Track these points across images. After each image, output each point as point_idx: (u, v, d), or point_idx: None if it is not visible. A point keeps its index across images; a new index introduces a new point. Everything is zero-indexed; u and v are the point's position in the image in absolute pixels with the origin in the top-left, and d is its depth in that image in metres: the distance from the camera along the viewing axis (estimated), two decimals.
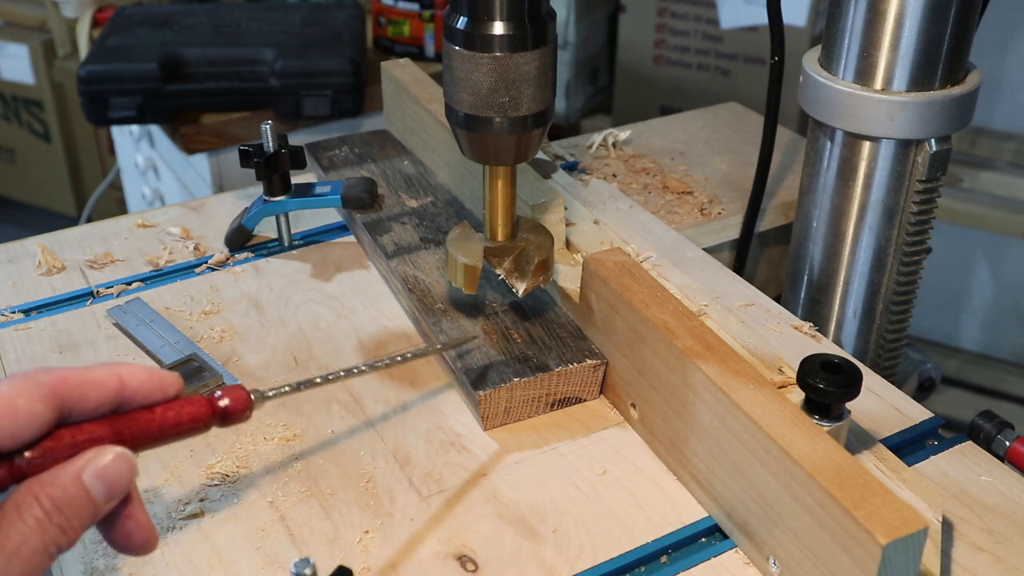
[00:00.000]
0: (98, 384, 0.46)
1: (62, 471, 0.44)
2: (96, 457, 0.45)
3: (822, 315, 0.90)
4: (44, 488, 0.43)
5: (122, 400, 0.47)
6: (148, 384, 0.48)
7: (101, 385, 0.46)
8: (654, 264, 0.83)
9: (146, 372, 0.48)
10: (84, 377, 0.46)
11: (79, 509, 0.44)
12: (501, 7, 0.64)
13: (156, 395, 0.48)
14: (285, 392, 0.56)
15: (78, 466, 0.44)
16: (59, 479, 0.44)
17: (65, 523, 0.44)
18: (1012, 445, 0.68)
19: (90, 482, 0.44)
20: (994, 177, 1.73)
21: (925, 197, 0.82)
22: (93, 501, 0.44)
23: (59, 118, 2.50)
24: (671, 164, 1.09)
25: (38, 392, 0.44)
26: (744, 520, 0.60)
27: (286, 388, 0.56)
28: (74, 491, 0.44)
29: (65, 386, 0.45)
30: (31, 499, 0.43)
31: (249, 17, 1.56)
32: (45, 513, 0.43)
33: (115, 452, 0.45)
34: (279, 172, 0.88)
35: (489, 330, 0.75)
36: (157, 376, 0.48)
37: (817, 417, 0.61)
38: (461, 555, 0.60)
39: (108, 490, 0.45)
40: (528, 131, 0.68)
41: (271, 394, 0.55)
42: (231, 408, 0.51)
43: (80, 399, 0.46)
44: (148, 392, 0.48)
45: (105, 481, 0.45)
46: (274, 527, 0.62)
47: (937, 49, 0.76)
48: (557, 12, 0.69)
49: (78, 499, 0.44)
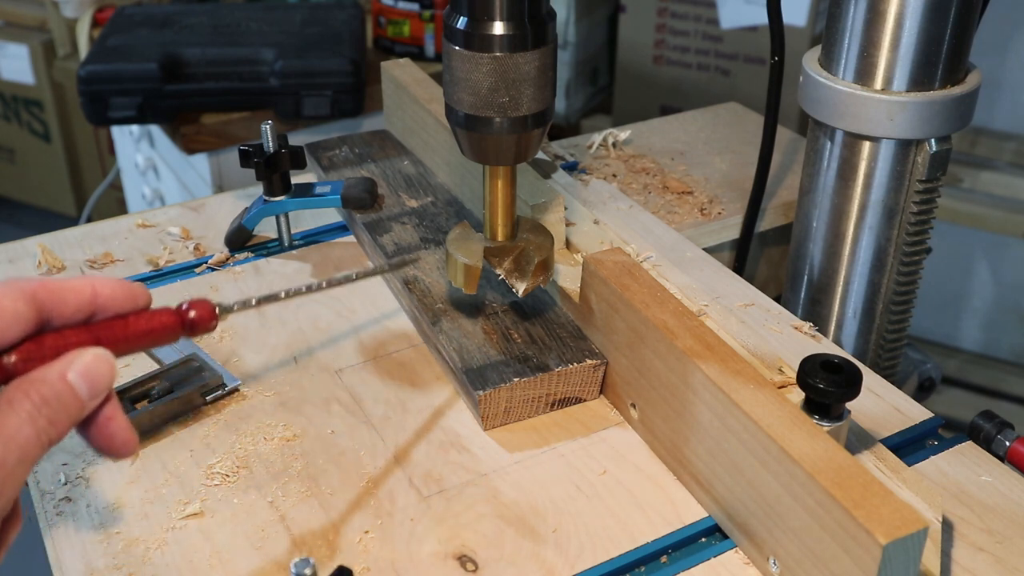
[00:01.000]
0: (75, 291, 0.49)
1: (48, 370, 0.47)
2: (78, 357, 0.47)
3: (822, 315, 0.90)
4: (33, 385, 0.46)
5: (96, 308, 0.50)
6: (120, 293, 0.50)
7: (78, 292, 0.49)
8: (654, 264, 0.83)
9: (117, 283, 0.51)
10: (62, 284, 0.49)
11: (66, 404, 0.47)
12: (501, 7, 0.64)
13: (127, 304, 0.51)
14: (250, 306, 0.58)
15: (63, 365, 0.47)
16: (47, 376, 0.46)
17: (54, 416, 0.46)
18: (1012, 445, 0.68)
19: (75, 379, 0.47)
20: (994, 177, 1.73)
21: (925, 197, 0.82)
22: (78, 397, 0.47)
23: (59, 118, 2.50)
24: (671, 164, 1.09)
25: (21, 294, 0.46)
26: (744, 520, 0.60)
27: (252, 301, 0.58)
28: (61, 387, 0.46)
29: (45, 291, 0.48)
30: (21, 395, 0.46)
31: (249, 17, 1.56)
32: (35, 406, 0.45)
33: (95, 352, 0.48)
34: (279, 172, 0.88)
35: (489, 330, 0.75)
36: (127, 286, 0.51)
37: (817, 417, 0.61)
38: (461, 555, 0.60)
39: (91, 387, 0.47)
40: (528, 131, 0.68)
41: (235, 307, 0.57)
42: (197, 318, 0.53)
43: (59, 303, 0.48)
44: (121, 301, 0.50)
45: (88, 379, 0.47)
46: (274, 527, 0.62)
47: (937, 49, 0.76)
48: (557, 12, 0.69)
49: (65, 395, 0.47)
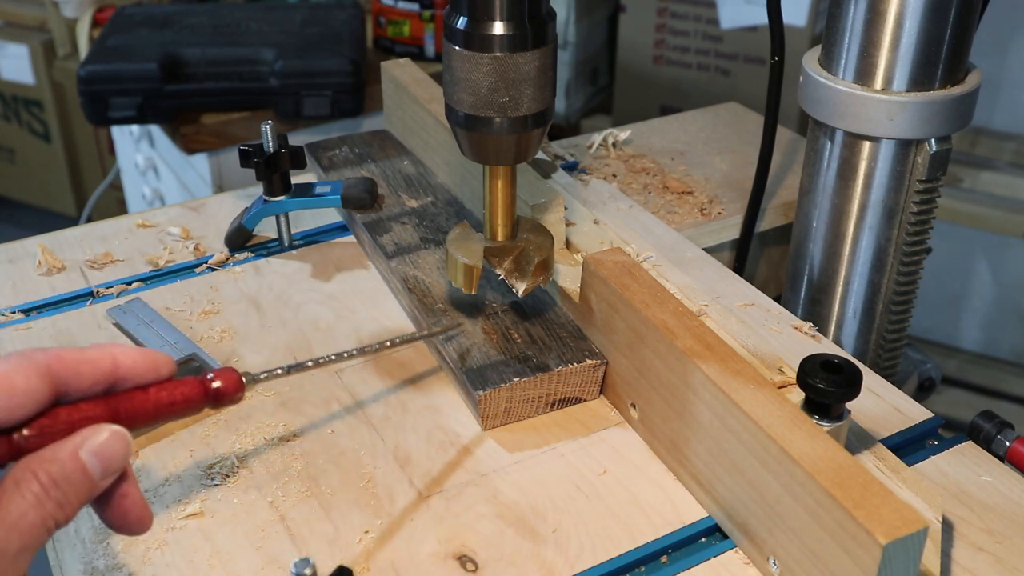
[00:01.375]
0: (92, 363, 0.47)
1: (60, 448, 0.45)
2: (93, 434, 0.46)
3: (822, 315, 0.90)
4: (42, 464, 0.44)
5: (116, 380, 0.48)
6: (141, 364, 0.49)
7: (95, 364, 0.47)
8: (654, 264, 0.83)
9: (139, 352, 0.49)
10: (79, 356, 0.47)
11: (76, 485, 0.45)
12: (501, 7, 0.64)
13: (149, 375, 0.49)
14: (277, 375, 0.57)
15: (75, 443, 0.45)
16: (57, 455, 0.45)
17: (63, 498, 0.44)
18: (1012, 445, 0.68)
19: (87, 459, 0.45)
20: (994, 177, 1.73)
21: (925, 197, 0.82)
22: (90, 477, 0.45)
23: (59, 118, 2.50)
24: (671, 164, 1.09)
25: (34, 369, 0.45)
26: (744, 520, 0.60)
27: (278, 371, 0.57)
28: (71, 467, 0.45)
29: (60, 364, 0.46)
30: (29, 475, 0.44)
31: (249, 17, 1.56)
32: (43, 488, 0.44)
33: (111, 430, 0.46)
34: (279, 172, 0.88)
35: (489, 330, 0.75)
36: (150, 356, 0.49)
37: (817, 417, 0.61)
38: (461, 555, 0.60)
39: (104, 467, 0.46)
40: (528, 131, 0.68)
41: (263, 376, 0.55)
42: (223, 390, 0.52)
43: (75, 376, 0.46)
44: (142, 372, 0.49)
45: (101, 458, 0.45)
46: (274, 527, 0.62)
47: (937, 49, 0.76)
48: (557, 12, 0.69)
49: (75, 475, 0.45)
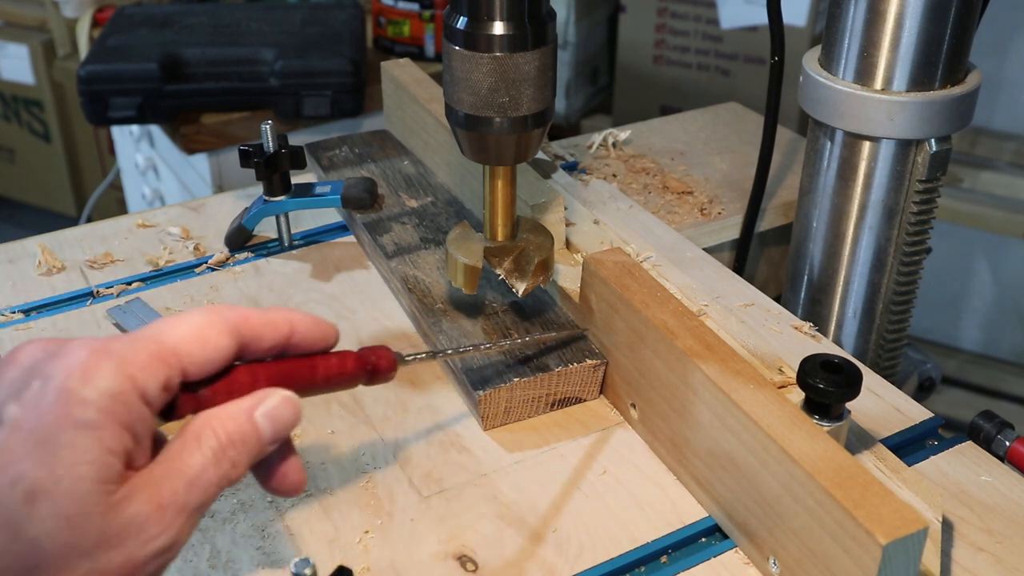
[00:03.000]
0: (274, 326, 0.48)
1: (236, 407, 0.46)
2: (267, 397, 0.47)
3: (822, 315, 0.90)
4: (222, 421, 0.45)
5: (290, 345, 0.49)
6: (315, 331, 0.50)
7: (276, 328, 0.49)
8: (654, 264, 0.83)
9: (312, 320, 0.50)
10: (264, 317, 0.48)
11: (249, 445, 0.46)
12: (501, 7, 0.64)
13: (319, 343, 0.51)
14: (421, 359, 0.59)
15: (251, 404, 0.46)
16: (235, 414, 0.46)
17: (236, 457, 0.45)
18: (1012, 445, 0.68)
19: (261, 421, 0.46)
20: (994, 177, 1.73)
21: (925, 197, 0.82)
22: (261, 438, 0.46)
23: (59, 118, 2.50)
24: (671, 164, 1.09)
25: (226, 327, 0.46)
26: (744, 520, 0.60)
27: (422, 355, 0.60)
28: (247, 427, 0.46)
29: (247, 324, 0.47)
30: (209, 431, 0.45)
31: (249, 17, 1.56)
32: (221, 445, 0.45)
33: (283, 395, 0.48)
34: (279, 172, 0.88)
35: (489, 330, 0.75)
36: (322, 326, 0.51)
37: (817, 417, 0.61)
38: (461, 555, 0.60)
39: (275, 430, 0.47)
40: (528, 131, 0.68)
41: (409, 358, 0.58)
42: (380, 366, 0.54)
43: (256, 339, 0.48)
44: (313, 340, 0.50)
45: (273, 421, 0.47)
46: (274, 527, 0.62)
47: (937, 49, 0.76)
48: (557, 12, 0.69)
49: (249, 435, 0.46)
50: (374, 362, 0.54)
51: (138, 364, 0.43)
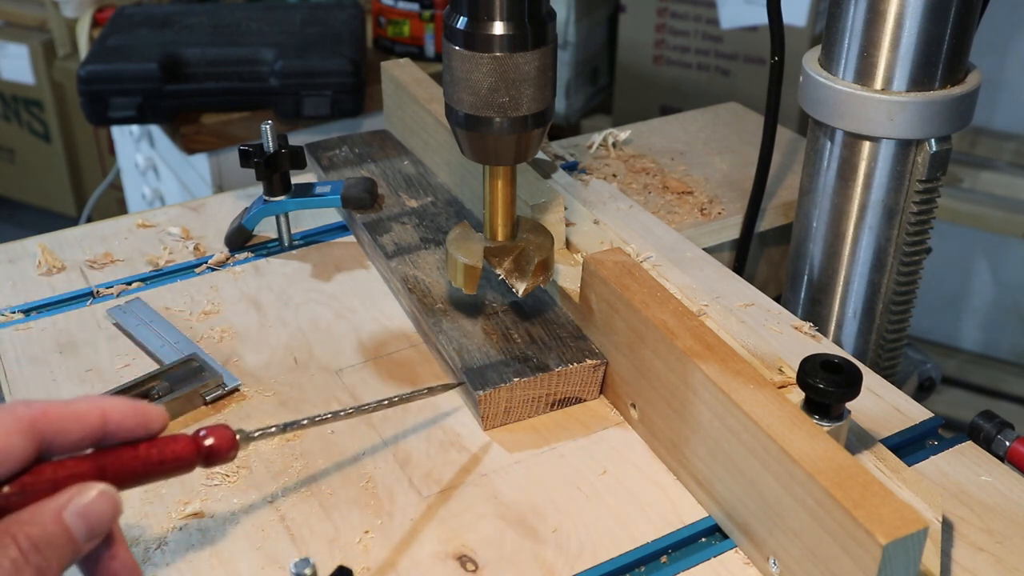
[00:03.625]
0: (80, 418, 0.45)
1: (41, 508, 0.42)
2: (78, 494, 0.43)
3: (822, 315, 0.90)
4: (23, 527, 0.41)
5: (105, 434, 0.46)
6: (132, 418, 0.46)
7: (83, 418, 0.45)
8: (654, 264, 0.82)
9: (129, 406, 0.47)
10: (65, 411, 0.44)
11: (59, 549, 0.42)
12: (501, 7, 0.64)
13: (139, 431, 0.47)
14: (271, 433, 0.56)
15: (59, 503, 0.43)
16: (38, 517, 0.42)
17: (43, 563, 0.41)
18: (1012, 445, 0.68)
19: (71, 520, 0.43)
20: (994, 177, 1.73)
21: (925, 197, 0.82)
22: (74, 540, 0.43)
23: (59, 118, 2.50)
24: (671, 164, 1.09)
25: (16, 426, 0.42)
26: (744, 520, 0.60)
27: (272, 429, 0.57)
28: (53, 529, 0.42)
29: (45, 419, 0.44)
30: (8, 539, 0.41)
31: (249, 17, 1.56)
32: (22, 553, 0.41)
33: (98, 489, 0.44)
34: (279, 172, 0.88)
35: (489, 330, 0.75)
36: (141, 410, 0.47)
37: (817, 417, 0.61)
38: (461, 555, 0.60)
39: (90, 528, 0.43)
40: (528, 131, 0.68)
41: (256, 435, 0.54)
42: (215, 447, 0.50)
43: (61, 432, 0.44)
44: (131, 427, 0.47)
45: (87, 519, 0.43)
46: (274, 527, 0.62)
47: (937, 49, 0.76)
48: (557, 12, 0.69)
49: (57, 538, 0.42)
50: (210, 445, 0.50)
51: None
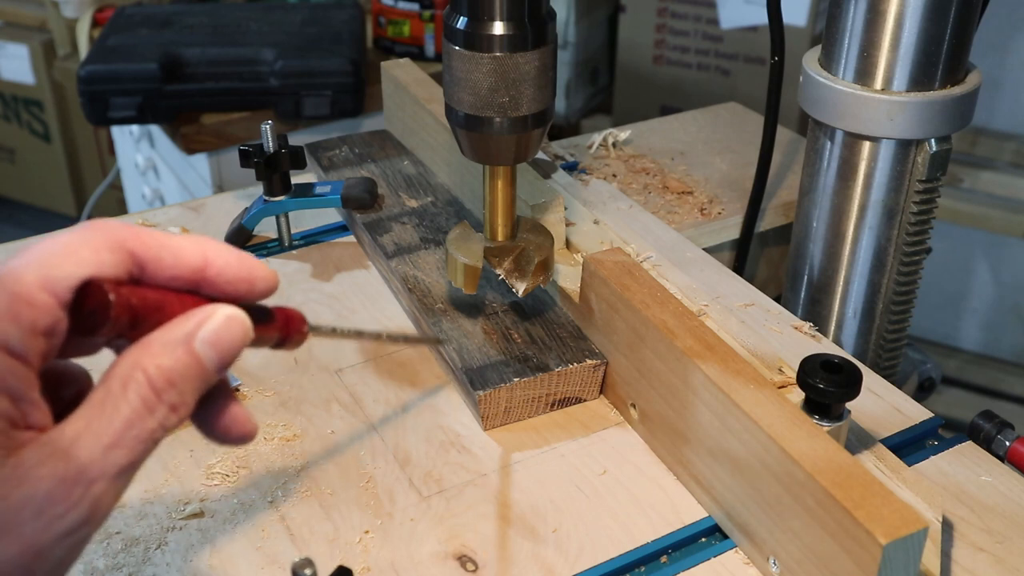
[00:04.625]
0: (177, 252, 0.39)
1: (169, 335, 0.37)
2: (207, 319, 0.38)
3: (822, 315, 0.90)
4: (154, 358, 0.37)
5: (201, 281, 0.40)
6: (235, 270, 0.40)
7: (181, 253, 0.39)
8: (654, 264, 0.82)
9: (235, 257, 0.40)
10: (162, 239, 0.39)
11: (191, 381, 0.37)
12: (501, 7, 0.64)
13: (241, 286, 0.40)
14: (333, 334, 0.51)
15: (188, 329, 0.37)
16: (169, 345, 0.37)
17: (177, 399, 0.37)
18: (1012, 445, 0.68)
19: (202, 349, 0.37)
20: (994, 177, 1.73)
21: (925, 197, 0.82)
22: (206, 371, 0.38)
23: (59, 118, 2.50)
24: (671, 164, 1.09)
25: (105, 243, 0.37)
26: (744, 520, 0.60)
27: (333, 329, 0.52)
28: (187, 359, 0.37)
29: (138, 242, 0.38)
30: (139, 373, 0.36)
31: (249, 17, 1.57)
32: (154, 390, 0.36)
33: (227, 312, 0.38)
34: (279, 172, 0.88)
35: (489, 330, 0.75)
36: (248, 265, 0.40)
37: (817, 417, 0.61)
38: (461, 555, 0.60)
39: (221, 359, 0.38)
40: (528, 131, 0.68)
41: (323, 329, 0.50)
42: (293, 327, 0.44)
43: (154, 261, 0.38)
44: (233, 280, 0.40)
45: (218, 347, 0.38)
46: (274, 527, 0.62)
47: (937, 49, 0.76)
48: (557, 12, 0.69)
49: (190, 370, 0.37)
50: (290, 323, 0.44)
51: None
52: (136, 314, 0.37)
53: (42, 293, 0.36)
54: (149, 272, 0.39)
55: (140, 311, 0.37)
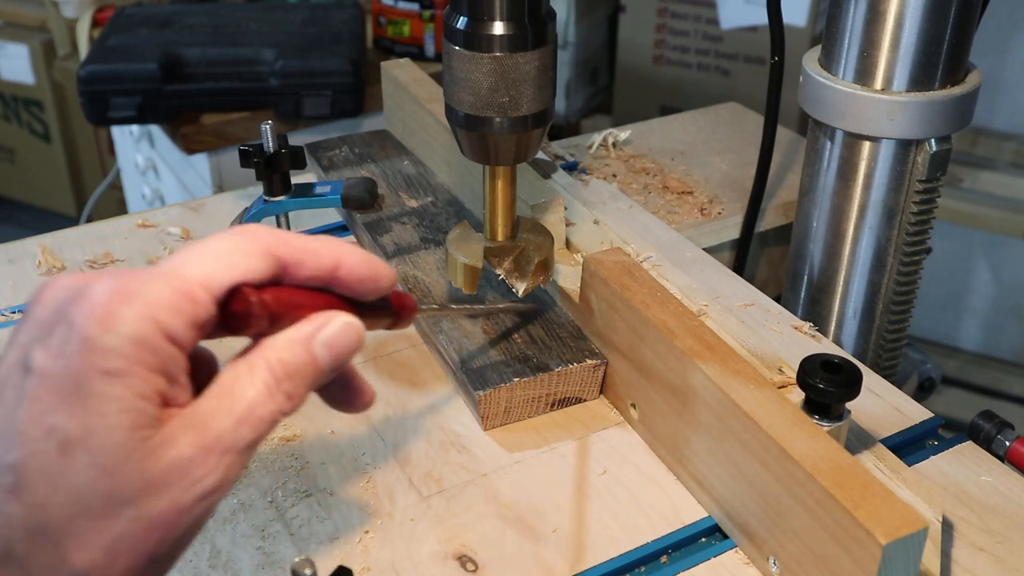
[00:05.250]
0: (316, 254, 0.45)
1: (292, 335, 0.43)
2: (326, 323, 0.44)
3: (822, 315, 0.90)
4: (276, 352, 0.43)
5: (335, 279, 0.46)
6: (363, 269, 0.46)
7: (319, 255, 0.45)
8: (654, 264, 0.82)
9: (363, 257, 0.46)
10: (305, 244, 0.45)
11: (306, 377, 0.43)
12: (501, 7, 0.64)
13: (368, 283, 0.47)
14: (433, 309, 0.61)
15: (308, 331, 0.43)
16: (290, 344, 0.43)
17: (293, 390, 0.43)
18: (1012, 445, 0.68)
19: (319, 350, 0.43)
20: (994, 177, 1.73)
21: (925, 197, 0.82)
22: (320, 369, 0.44)
23: (59, 118, 2.50)
24: (671, 164, 1.09)
25: (256, 249, 0.43)
26: (744, 520, 0.60)
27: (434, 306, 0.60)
28: (304, 358, 0.43)
29: (285, 247, 0.44)
30: (263, 362, 0.42)
31: (249, 17, 1.56)
32: (275, 379, 0.42)
33: (344, 320, 0.44)
34: (279, 172, 0.88)
35: (489, 330, 0.75)
36: (374, 265, 0.46)
37: (817, 417, 0.61)
38: (461, 555, 0.60)
39: (334, 359, 0.44)
40: (528, 131, 0.68)
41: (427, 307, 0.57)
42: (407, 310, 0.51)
43: (296, 264, 0.44)
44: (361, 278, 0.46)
45: (332, 350, 0.44)
46: (274, 527, 0.62)
47: (937, 49, 0.76)
48: (557, 12, 0.69)
49: (308, 366, 0.43)
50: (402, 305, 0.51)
51: (161, 304, 0.40)
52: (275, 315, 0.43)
53: (202, 291, 0.41)
54: (290, 273, 0.45)
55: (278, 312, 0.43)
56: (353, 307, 0.47)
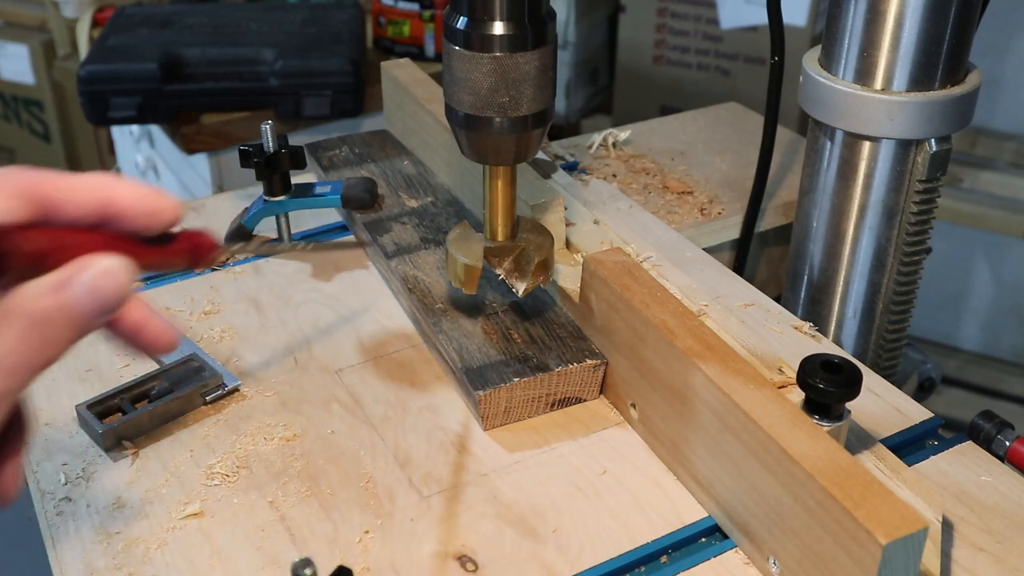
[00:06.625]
0: (84, 189, 0.42)
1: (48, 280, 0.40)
2: (88, 267, 0.41)
3: (822, 315, 0.90)
4: (30, 298, 0.40)
5: (109, 216, 0.43)
6: (141, 205, 0.43)
7: (87, 190, 0.42)
8: (654, 264, 0.82)
9: (141, 191, 0.44)
10: (69, 180, 0.42)
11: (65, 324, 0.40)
12: (501, 7, 0.64)
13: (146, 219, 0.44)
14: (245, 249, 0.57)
15: (65, 276, 0.41)
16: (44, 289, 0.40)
17: (52, 336, 0.40)
18: (1012, 445, 0.68)
19: (75, 296, 0.41)
20: (994, 177, 1.74)
21: (925, 197, 0.82)
22: (80, 316, 0.41)
23: (59, 118, 2.50)
24: (671, 164, 1.09)
25: (11, 189, 0.41)
26: (744, 520, 0.60)
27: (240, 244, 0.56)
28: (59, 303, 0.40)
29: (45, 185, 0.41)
30: (16, 309, 0.40)
31: (249, 17, 1.57)
32: (32, 323, 0.40)
33: (107, 262, 0.42)
34: (279, 172, 0.88)
35: (489, 330, 0.75)
36: (152, 199, 0.44)
37: (817, 417, 0.61)
38: (461, 555, 0.60)
39: (99, 304, 0.41)
40: (528, 131, 0.68)
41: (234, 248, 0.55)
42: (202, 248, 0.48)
43: (62, 202, 0.42)
44: (139, 213, 0.44)
45: (96, 294, 0.41)
46: (274, 527, 0.62)
47: (937, 49, 0.76)
48: (557, 12, 0.69)
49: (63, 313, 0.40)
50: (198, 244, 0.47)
51: None
52: (36, 257, 0.41)
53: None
54: (57, 213, 0.42)
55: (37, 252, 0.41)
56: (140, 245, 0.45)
